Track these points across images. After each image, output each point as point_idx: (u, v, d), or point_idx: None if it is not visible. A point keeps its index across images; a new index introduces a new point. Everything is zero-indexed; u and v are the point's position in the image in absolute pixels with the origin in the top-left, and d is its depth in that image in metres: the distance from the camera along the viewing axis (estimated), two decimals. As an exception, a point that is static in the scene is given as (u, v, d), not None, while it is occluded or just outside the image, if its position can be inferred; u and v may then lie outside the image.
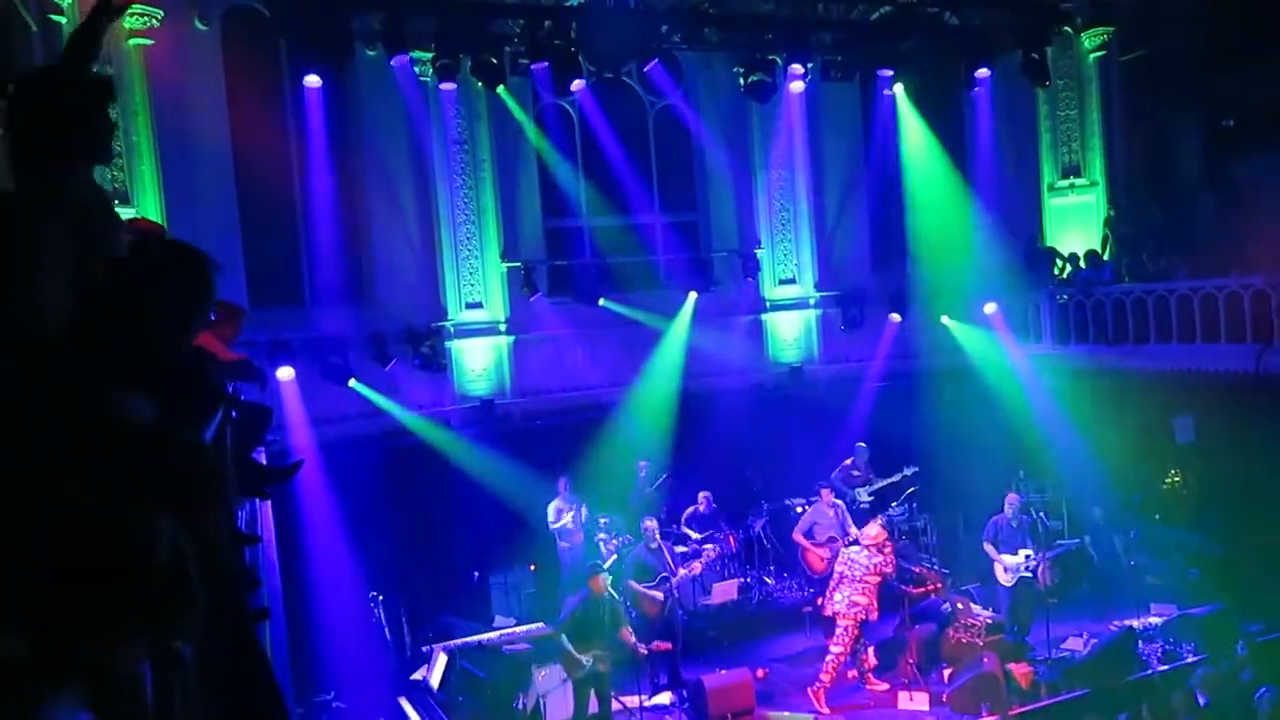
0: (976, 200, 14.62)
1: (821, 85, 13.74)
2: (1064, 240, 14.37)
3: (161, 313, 2.32)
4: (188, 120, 10.56)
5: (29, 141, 2.32)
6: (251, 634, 3.11)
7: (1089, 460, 12.56)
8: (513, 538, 11.60)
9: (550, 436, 12.08)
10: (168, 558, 1.22)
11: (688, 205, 14.00)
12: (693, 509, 11.82)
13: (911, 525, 12.75)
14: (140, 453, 1.39)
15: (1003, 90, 14.20)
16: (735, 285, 13.65)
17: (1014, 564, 10.56)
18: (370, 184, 11.91)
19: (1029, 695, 9.53)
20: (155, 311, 2.29)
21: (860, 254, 14.47)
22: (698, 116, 13.52)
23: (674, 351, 13.07)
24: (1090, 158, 14.43)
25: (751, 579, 12.03)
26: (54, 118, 2.34)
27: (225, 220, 10.81)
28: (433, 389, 12.04)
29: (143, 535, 1.19)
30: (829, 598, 9.83)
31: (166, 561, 1.21)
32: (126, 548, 1.15)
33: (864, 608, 9.60)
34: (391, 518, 10.96)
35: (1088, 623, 11.07)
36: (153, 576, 1.18)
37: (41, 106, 2.35)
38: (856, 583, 9.61)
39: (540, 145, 12.70)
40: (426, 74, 11.81)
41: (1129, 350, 12.75)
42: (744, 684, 9.69)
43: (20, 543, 1.10)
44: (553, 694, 8.99)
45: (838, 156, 14.23)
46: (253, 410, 4.12)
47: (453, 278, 12.27)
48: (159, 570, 1.19)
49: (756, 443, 12.84)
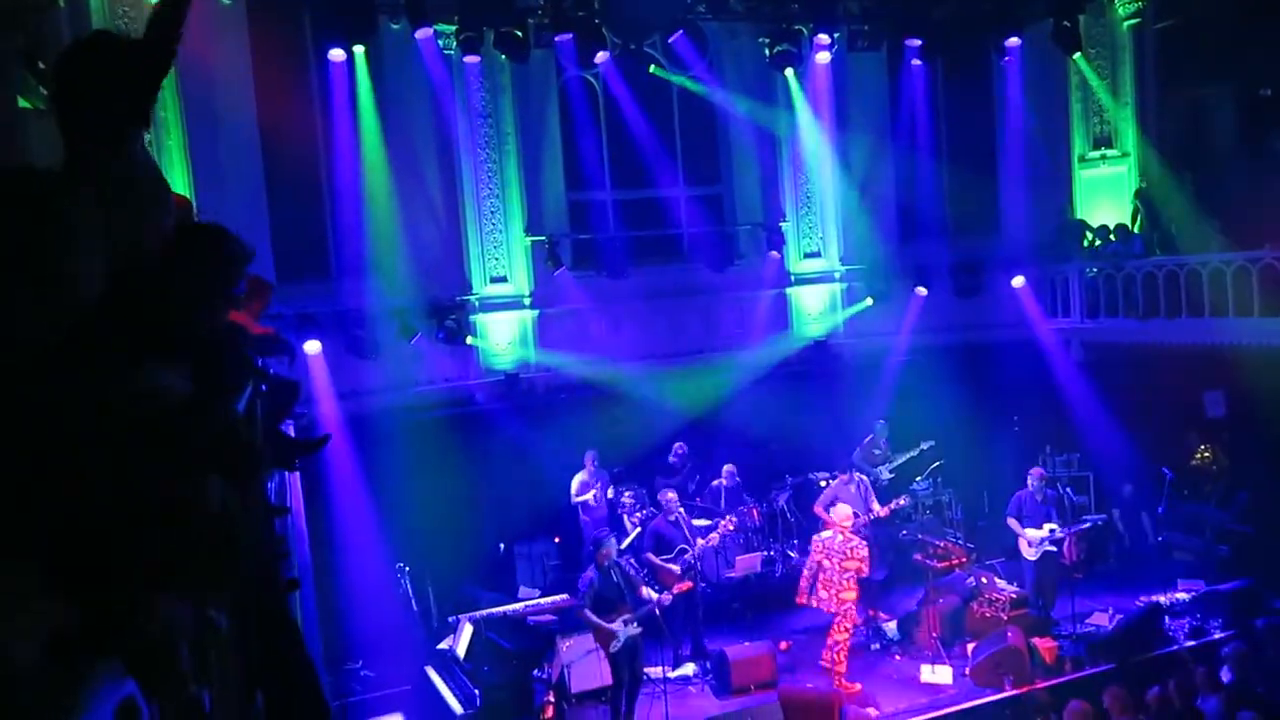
0: (1005, 172, 14.45)
1: (848, 55, 13.58)
2: (1094, 212, 14.17)
3: (193, 287, 2.35)
4: (214, 95, 10.60)
5: (84, 111, 2.32)
6: (283, 603, 3.17)
7: (1117, 435, 12.47)
8: (536, 510, 11.68)
9: (573, 410, 12.13)
10: (217, 517, 1.24)
11: (712, 178, 13.91)
12: (717, 482, 11.85)
13: (935, 500, 12.72)
14: (177, 424, 1.42)
15: (1033, 60, 13.96)
16: (759, 259, 13.57)
17: (1038, 538, 10.51)
18: (395, 158, 11.92)
19: (1053, 670, 9.54)
20: (186, 286, 2.32)
21: (887, 227, 14.33)
22: (722, 88, 13.41)
23: (697, 325, 13.07)
24: (1122, 128, 14.19)
25: (775, 552, 12.06)
26: (112, 89, 2.33)
27: (252, 194, 10.87)
28: (457, 363, 12.11)
29: (192, 494, 1.21)
30: (813, 592, 9.61)
31: (216, 522, 1.24)
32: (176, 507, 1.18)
33: (853, 602, 9.45)
34: (417, 490, 11.06)
35: (1114, 598, 11.05)
36: (201, 537, 1.20)
37: (101, 77, 2.33)
38: (839, 574, 9.43)
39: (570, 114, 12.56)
40: (450, 47, 11.78)
41: (1159, 324, 12.58)
42: (767, 656, 9.77)
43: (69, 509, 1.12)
44: (577, 664, 9.09)
45: (864, 128, 14.06)
46: (281, 383, 4.16)
47: (477, 251, 12.30)
48: (208, 530, 1.21)
49: (780, 417, 12.82)
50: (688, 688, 9.82)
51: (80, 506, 1.13)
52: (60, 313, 1.44)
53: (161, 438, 1.39)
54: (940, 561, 10.79)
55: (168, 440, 1.40)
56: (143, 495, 1.16)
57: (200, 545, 1.21)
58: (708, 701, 9.49)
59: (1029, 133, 14.16)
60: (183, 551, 1.20)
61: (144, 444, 1.29)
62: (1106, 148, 14.28)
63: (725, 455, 12.03)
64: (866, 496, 11.16)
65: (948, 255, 14.17)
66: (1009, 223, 14.67)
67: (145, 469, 1.19)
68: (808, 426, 12.80)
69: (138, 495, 1.16)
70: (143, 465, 1.20)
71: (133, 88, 2.39)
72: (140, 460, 1.25)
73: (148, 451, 1.33)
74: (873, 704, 9.17)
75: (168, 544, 1.18)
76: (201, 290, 2.36)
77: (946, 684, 9.48)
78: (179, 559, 1.20)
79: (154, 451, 1.34)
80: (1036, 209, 14.36)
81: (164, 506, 1.17)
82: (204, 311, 2.38)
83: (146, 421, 1.37)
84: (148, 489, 1.18)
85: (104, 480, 1.17)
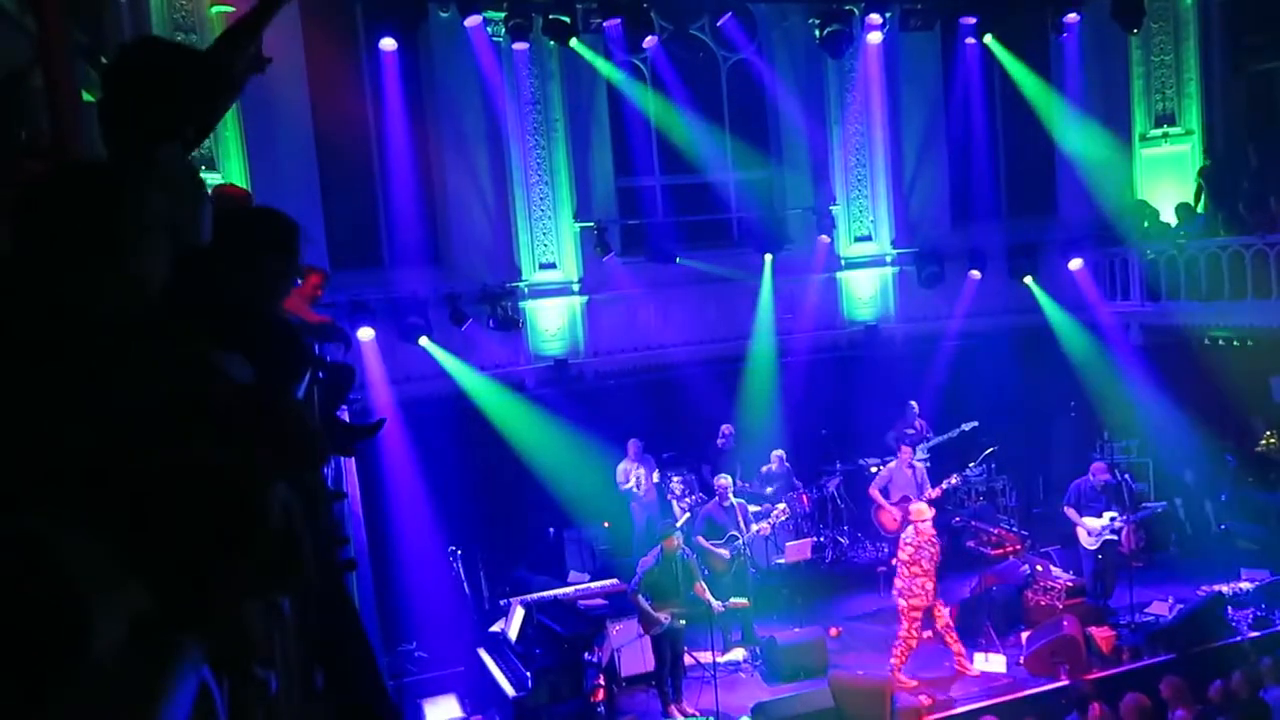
0: (1062, 152, 14.12)
1: (900, 35, 13.35)
2: (1156, 192, 13.78)
3: (252, 276, 2.39)
4: (268, 86, 10.70)
5: (136, 112, 2.36)
6: (341, 585, 3.23)
7: (1178, 421, 12.17)
8: (585, 495, 11.76)
9: (623, 396, 12.16)
10: (282, 520, 1.27)
11: (761, 162, 13.80)
12: (766, 468, 11.81)
13: (990, 486, 12.55)
14: (244, 412, 1.45)
15: (1092, 35, 13.60)
16: (810, 243, 13.45)
17: (1098, 527, 10.31)
18: (445, 146, 12.02)
19: (1110, 660, 9.37)
20: (246, 275, 2.36)
21: (939, 210, 14.10)
22: (772, 71, 13.27)
23: (746, 311, 13.01)
24: (1186, 105, 13.77)
25: (825, 538, 12.00)
26: (166, 97, 2.37)
27: (306, 184, 11.03)
28: (507, 349, 12.20)
29: (262, 496, 1.24)
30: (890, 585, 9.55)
31: (282, 523, 1.27)
32: (247, 508, 1.21)
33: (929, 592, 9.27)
34: (469, 474, 11.20)
35: (1174, 587, 10.81)
36: (270, 538, 1.23)
37: (154, 84, 2.37)
38: (907, 573, 9.27)
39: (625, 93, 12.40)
40: (499, 34, 11.82)
41: (1224, 306, 12.22)
42: (817, 642, 9.74)
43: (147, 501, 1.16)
44: (627, 648, 9.15)
45: (916, 109, 13.83)
46: (337, 370, 4.23)
47: (526, 238, 12.36)
48: (276, 532, 1.25)
49: (831, 402, 12.73)
50: (737, 673, 9.82)
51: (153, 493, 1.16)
52: (133, 297, 1.49)
53: (225, 425, 1.43)
54: (994, 549, 10.66)
55: (231, 427, 1.44)
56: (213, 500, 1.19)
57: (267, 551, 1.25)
58: (757, 687, 9.48)
59: (1087, 111, 13.81)
60: (252, 558, 1.23)
61: (209, 430, 1.33)
62: (1169, 125, 13.88)
63: (775, 441, 11.98)
64: (921, 482, 11.05)
65: (1003, 238, 13.91)
66: (1066, 204, 14.35)
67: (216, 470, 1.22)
68: (858, 412, 12.69)
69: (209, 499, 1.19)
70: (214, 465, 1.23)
71: (187, 99, 2.42)
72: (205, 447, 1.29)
73: (213, 438, 1.36)
74: (925, 692, 9.09)
75: (239, 550, 1.21)
76: (258, 273, 2.40)
77: (1000, 672, 9.37)
78: (249, 564, 1.24)
79: (219, 437, 1.38)
80: (1095, 189, 14.02)
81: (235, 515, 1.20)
82: (262, 295, 2.42)
83: (211, 408, 1.41)
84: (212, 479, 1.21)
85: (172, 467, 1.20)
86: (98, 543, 1.06)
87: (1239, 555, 11.31)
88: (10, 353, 1.30)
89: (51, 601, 0.98)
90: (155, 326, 1.48)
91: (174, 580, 1.10)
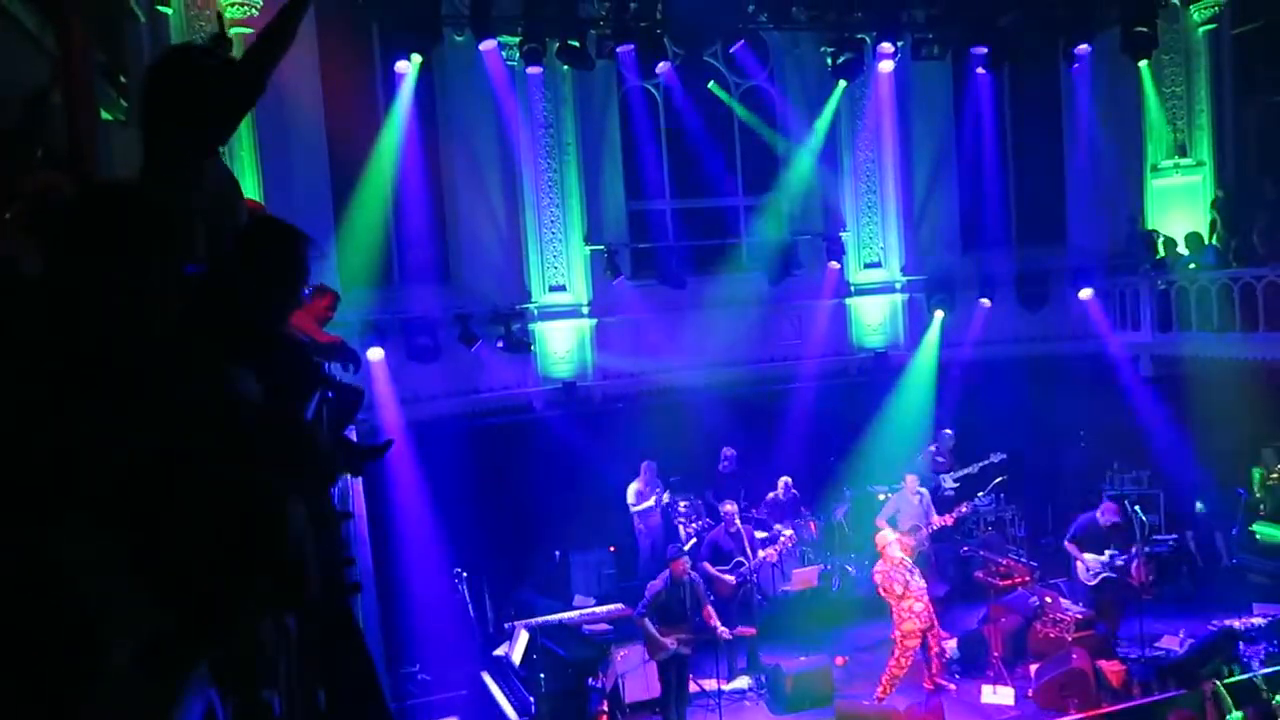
0: (1073, 181, 14.14)
1: (911, 64, 13.42)
2: (1167, 223, 13.77)
3: (263, 293, 2.39)
4: (284, 106, 10.83)
5: (178, 128, 2.38)
6: (347, 607, 3.21)
7: (1189, 453, 12.09)
8: (592, 518, 11.71)
9: (631, 419, 12.14)
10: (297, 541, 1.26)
11: (771, 188, 13.83)
12: (772, 495, 11.75)
13: (999, 516, 12.46)
14: (260, 430, 1.45)
15: (1103, 67, 13.65)
16: (819, 269, 13.45)
17: (1097, 563, 10.22)
18: (457, 167, 12.09)
19: (1120, 694, 9.25)
20: (257, 291, 2.36)
21: (950, 237, 14.11)
22: (784, 98, 13.34)
23: (755, 336, 13.00)
24: (1197, 136, 13.78)
25: (832, 566, 11.91)
26: (208, 109, 2.39)
27: (319, 202, 11.09)
28: (516, 370, 12.20)
29: (283, 513, 1.24)
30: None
31: (296, 544, 1.26)
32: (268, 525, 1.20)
33: (914, 633, 9.17)
34: (476, 496, 11.16)
35: (1185, 621, 10.68)
36: (284, 558, 1.22)
37: (198, 98, 2.39)
38: (896, 603, 9.19)
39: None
40: (513, 58, 11.92)
41: (1235, 338, 12.16)
42: (824, 671, 9.64)
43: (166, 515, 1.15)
44: (632, 674, 9.08)
45: (927, 137, 13.88)
46: (346, 390, 4.22)
47: (536, 260, 12.40)
48: (290, 553, 1.24)
49: (839, 429, 12.68)
50: (743, 701, 9.72)
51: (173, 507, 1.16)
52: (174, 308, 1.50)
53: (238, 442, 1.43)
54: (1002, 580, 10.53)
55: (244, 445, 1.44)
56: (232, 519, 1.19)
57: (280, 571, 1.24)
58: (762, 716, 9.40)
59: (1098, 141, 13.83)
60: (266, 577, 1.22)
61: (225, 448, 1.32)
62: (1180, 156, 13.89)
63: (781, 467, 11.92)
64: (928, 509, 10.99)
65: (1013, 266, 13.89)
66: (1076, 233, 14.35)
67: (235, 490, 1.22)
68: (866, 439, 12.63)
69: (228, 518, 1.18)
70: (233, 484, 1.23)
71: (220, 110, 2.45)
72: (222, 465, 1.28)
73: (227, 455, 1.36)
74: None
75: (255, 569, 1.20)
76: (268, 284, 2.39)
77: (1008, 705, 9.26)
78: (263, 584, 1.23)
79: (233, 454, 1.37)
80: (1105, 219, 14.03)
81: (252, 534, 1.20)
82: (272, 308, 2.42)
83: (226, 426, 1.40)
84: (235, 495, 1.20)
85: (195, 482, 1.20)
86: (112, 558, 1.05)
87: (1251, 589, 11.18)
88: (39, 368, 1.30)
89: (64, 618, 0.97)
90: (181, 344, 1.48)
91: (190, 596, 1.09)
